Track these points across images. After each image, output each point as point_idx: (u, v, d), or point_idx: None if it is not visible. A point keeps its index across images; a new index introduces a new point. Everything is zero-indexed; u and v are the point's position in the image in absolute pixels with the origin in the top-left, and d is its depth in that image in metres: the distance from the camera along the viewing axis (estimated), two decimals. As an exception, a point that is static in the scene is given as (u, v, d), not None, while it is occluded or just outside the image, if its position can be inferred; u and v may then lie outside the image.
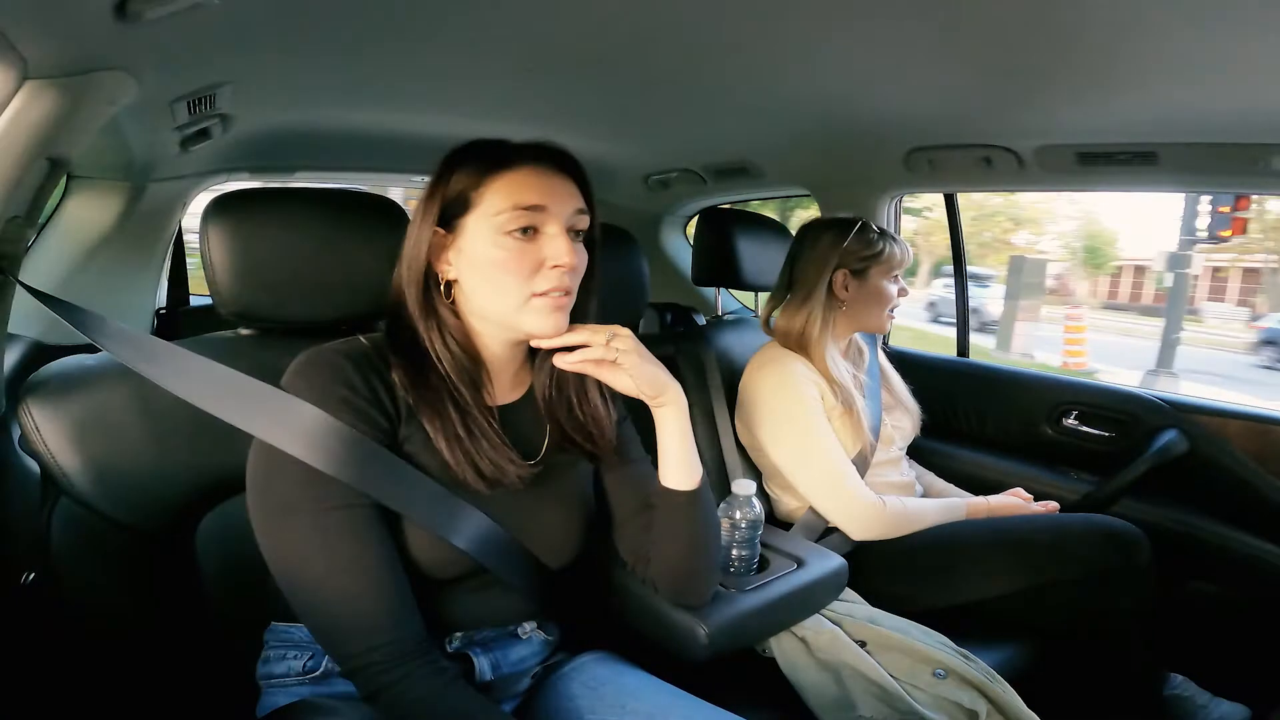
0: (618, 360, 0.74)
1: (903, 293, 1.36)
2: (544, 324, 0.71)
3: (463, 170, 0.71)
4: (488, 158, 0.71)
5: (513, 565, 0.75)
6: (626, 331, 0.75)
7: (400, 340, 0.72)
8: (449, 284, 0.73)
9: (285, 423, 0.65)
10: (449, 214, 0.71)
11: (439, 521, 0.69)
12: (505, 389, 0.79)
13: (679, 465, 0.79)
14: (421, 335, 0.72)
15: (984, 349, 8.23)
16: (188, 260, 1.95)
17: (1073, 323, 7.68)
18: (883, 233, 1.34)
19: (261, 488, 0.67)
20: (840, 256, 1.30)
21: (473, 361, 0.73)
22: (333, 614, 0.64)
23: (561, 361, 0.74)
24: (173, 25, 0.71)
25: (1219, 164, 1.18)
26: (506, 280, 0.70)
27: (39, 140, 0.69)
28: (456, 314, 0.73)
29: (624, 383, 0.76)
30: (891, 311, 1.35)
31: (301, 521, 0.64)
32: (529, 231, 0.70)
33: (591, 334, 0.74)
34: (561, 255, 0.70)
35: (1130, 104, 1.09)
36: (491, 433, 0.72)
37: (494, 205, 0.70)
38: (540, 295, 0.70)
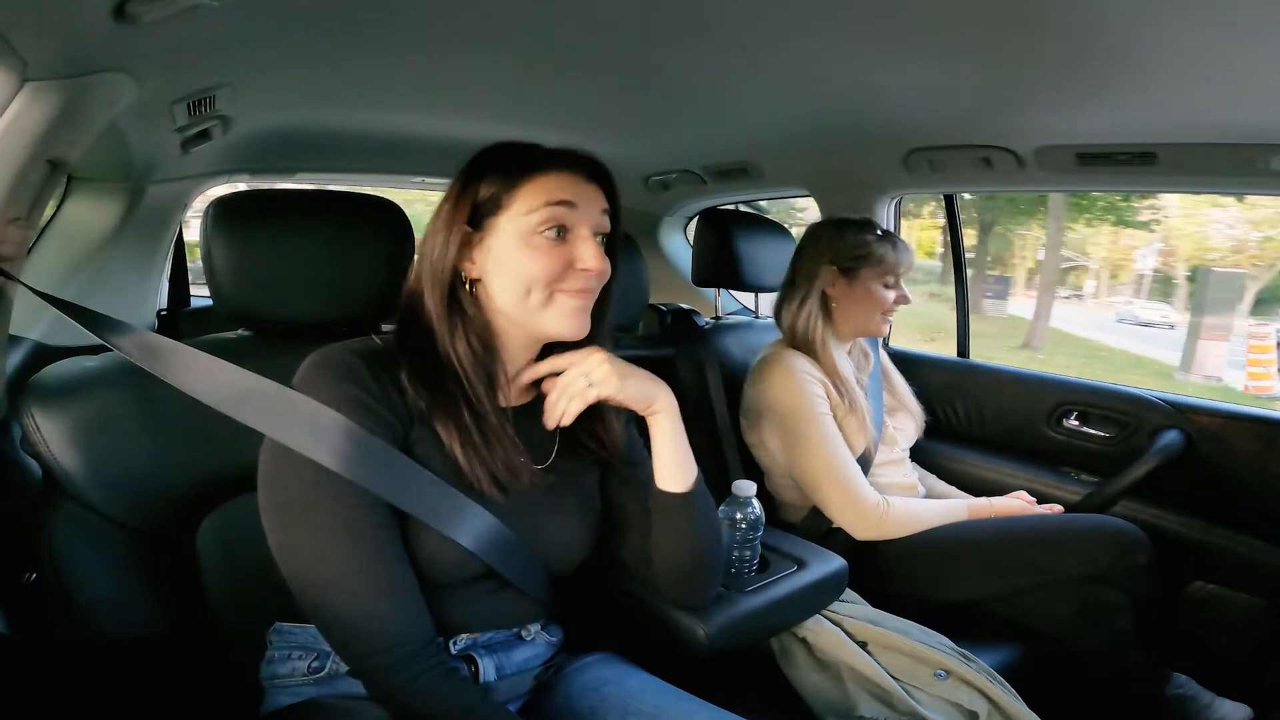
0: (598, 396, 0.74)
1: (901, 299, 1.34)
2: (566, 326, 0.72)
3: (495, 172, 0.71)
4: (519, 160, 0.72)
5: (521, 568, 0.75)
6: (599, 356, 0.74)
7: (413, 341, 0.72)
8: (472, 283, 0.73)
9: (296, 422, 0.65)
10: (479, 214, 0.71)
11: (449, 523, 0.69)
12: (517, 392, 0.78)
13: (672, 467, 0.79)
14: (439, 335, 0.71)
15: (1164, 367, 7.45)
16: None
17: (1258, 342, 6.68)
18: (885, 235, 1.33)
19: (272, 486, 0.67)
20: (832, 254, 1.31)
21: (491, 359, 0.73)
22: (343, 614, 0.64)
23: (550, 420, 0.74)
24: (172, 27, 0.71)
25: (1218, 164, 1.19)
26: (535, 279, 0.70)
27: (39, 142, 0.69)
28: (481, 310, 0.73)
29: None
30: (886, 315, 1.33)
31: (312, 520, 0.65)
32: (560, 232, 0.71)
33: (567, 363, 0.74)
34: (590, 259, 0.71)
35: (1129, 105, 1.09)
36: (506, 437, 0.72)
37: (526, 204, 0.70)
38: (564, 292, 0.71)
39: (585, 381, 0.73)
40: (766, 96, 1.28)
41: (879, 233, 1.34)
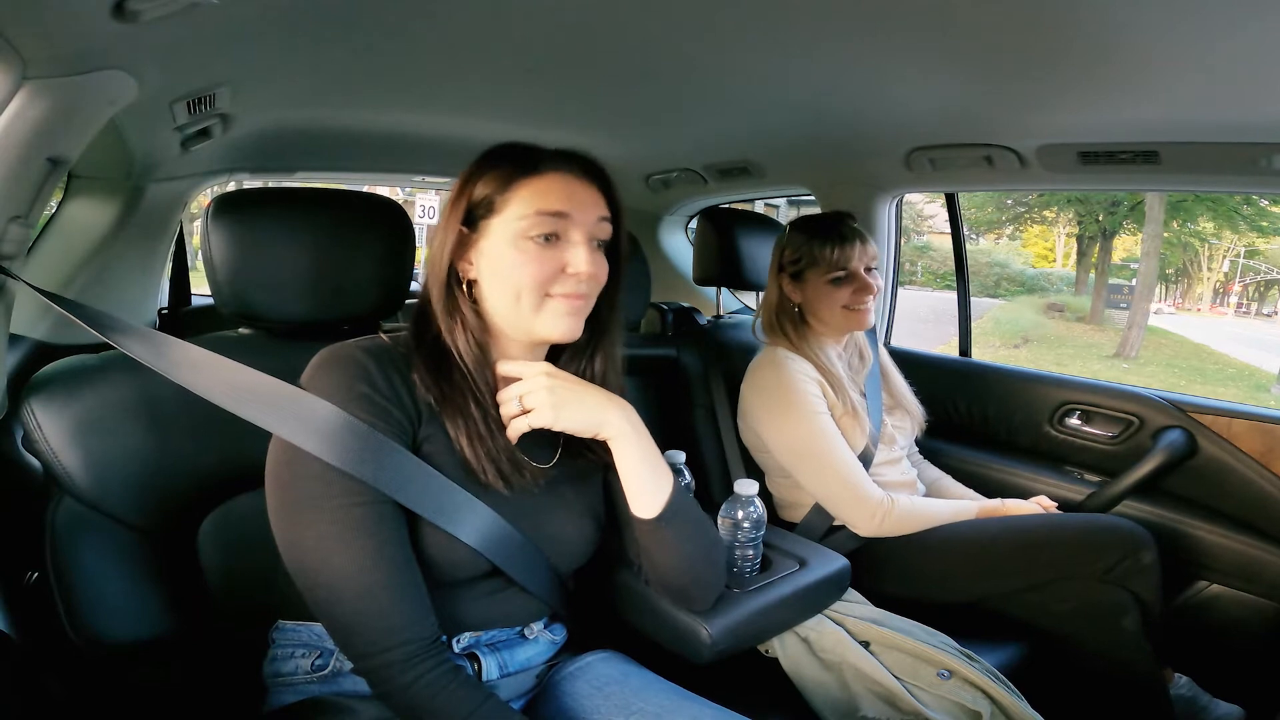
0: (531, 425, 0.72)
1: (864, 289, 1.28)
2: (557, 327, 0.72)
3: (492, 173, 0.72)
4: (516, 162, 0.72)
5: (527, 567, 0.75)
6: (541, 380, 0.72)
7: (424, 338, 0.73)
8: (470, 283, 0.74)
9: (302, 420, 0.65)
10: (474, 215, 0.72)
11: (454, 521, 0.69)
12: None
13: (637, 494, 0.76)
14: (443, 331, 0.72)
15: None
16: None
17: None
18: (826, 230, 1.30)
19: (279, 484, 0.67)
20: (779, 261, 1.34)
21: (488, 359, 0.74)
22: (349, 611, 0.64)
23: (512, 431, 0.73)
24: (172, 25, 0.71)
25: (1220, 163, 1.18)
26: (524, 283, 0.70)
27: (38, 140, 0.69)
28: (478, 313, 0.74)
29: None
30: (852, 310, 1.29)
31: (320, 518, 0.64)
32: (551, 238, 0.71)
33: (523, 370, 0.73)
34: (581, 264, 0.71)
35: (1131, 103, 1.08)
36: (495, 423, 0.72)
37: (518, 210, 0.70)
38: (555, 296, 0.71)
39: (518, 406, 0.72)
40: (767, 95, 1.28)
41: (824, 227, 1.31)
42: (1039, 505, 1.32)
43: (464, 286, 0.73)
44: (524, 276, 0.70)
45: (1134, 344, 8.17)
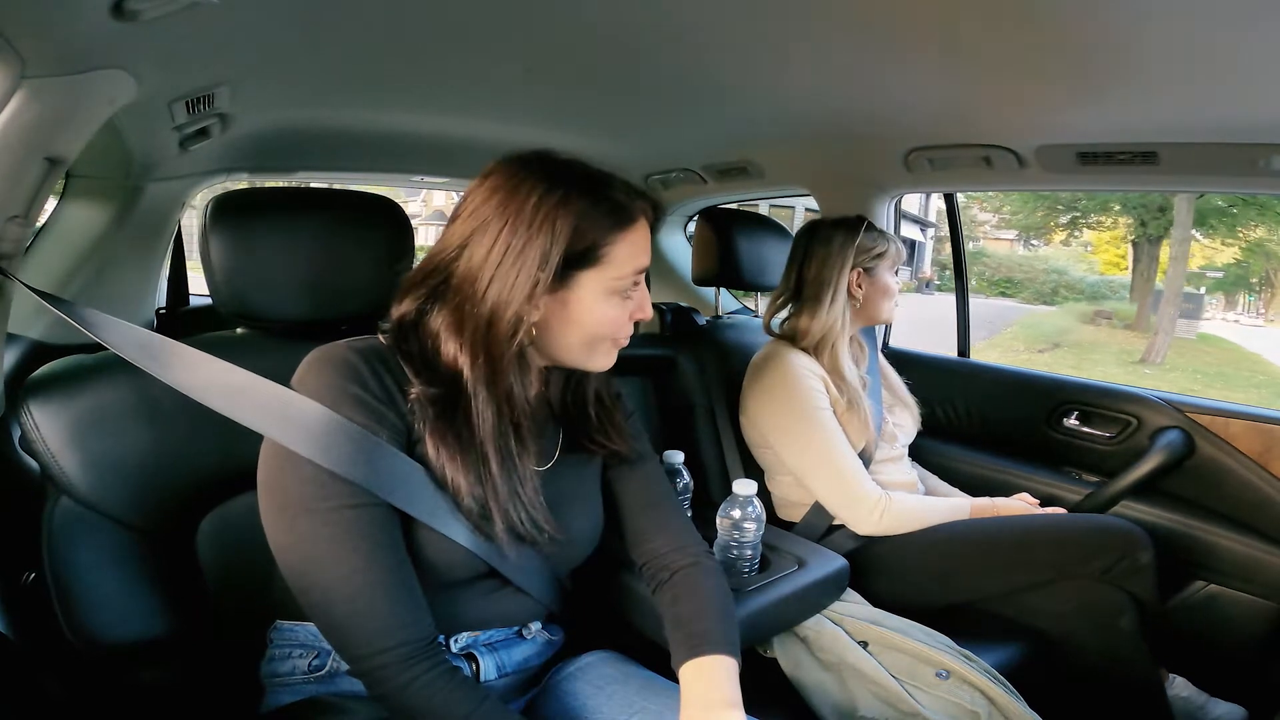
0: None
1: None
2: (608, 363, 0.75)
3: (588, 221, 0.68)
4: (613, 211, 0.70)
5: (522, 567, 0.75)
6: None
7: (416, 357, 0.70)
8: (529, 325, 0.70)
9: (294, 422, 0.64)
10: (568, 265, 0.68)
11: (447, 522, 0.68)
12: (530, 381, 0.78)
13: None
14: (466, 382, 0.68)
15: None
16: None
17: None
18: (881, 230, 1.39)
19: (272, 487, 0.67)
20: (856, 256, 1.34)
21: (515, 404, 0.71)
22: (344, 614, 0.64)
23: None
24: (171, 24, 0.71)
25: (1219, 164, 1.18)
26: (603, 333, 0.72)
27: (37, 140, 0.69)
28: (526, 352, 0.72)
29: None
30: (894, 298, 1.40)
31: (313, 521, 0.64)
32: (634, 288, 0.73)
33: None
34: (646, 309, 0.74)
35: (1130, 104, 1.09)
36: (530, 489, 0.71)
37: (619, 267, 0.70)
38: (618, 339, 0.74)
39: None
40: (766, 96, 1.28)
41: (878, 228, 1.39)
42: (1024, 502, 1.33)
43: (528, 330, 0.68)
44: (605, 327, 0.72)
45: (1160, 350, 8.05)
